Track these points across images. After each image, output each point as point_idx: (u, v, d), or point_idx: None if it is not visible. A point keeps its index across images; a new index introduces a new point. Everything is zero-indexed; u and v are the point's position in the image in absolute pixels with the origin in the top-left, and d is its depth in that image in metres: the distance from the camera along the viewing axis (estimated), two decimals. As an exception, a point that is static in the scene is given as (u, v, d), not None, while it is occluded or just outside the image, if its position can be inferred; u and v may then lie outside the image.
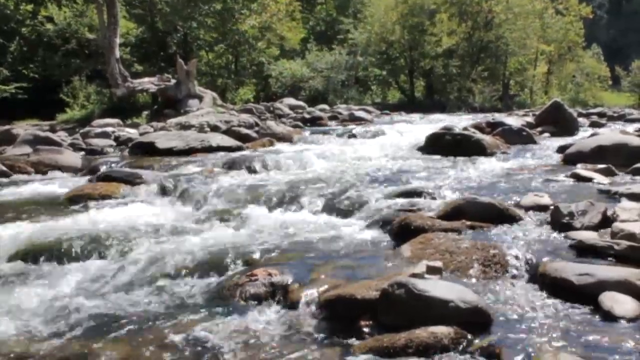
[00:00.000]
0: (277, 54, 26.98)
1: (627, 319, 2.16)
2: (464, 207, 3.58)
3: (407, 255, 2.99)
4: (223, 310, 2.54)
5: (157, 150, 8.11)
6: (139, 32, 22.11)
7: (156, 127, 11.48)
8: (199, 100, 15.06)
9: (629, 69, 48.54)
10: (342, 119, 15.37)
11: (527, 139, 8.06)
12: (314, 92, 25.19)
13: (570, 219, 3.24)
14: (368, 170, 5.77)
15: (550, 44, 35.35)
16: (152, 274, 3.02)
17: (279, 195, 4.68)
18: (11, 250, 3.48)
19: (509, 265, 2.75)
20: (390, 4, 27.93)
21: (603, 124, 12.20)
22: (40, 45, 19.92)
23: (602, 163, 5.27)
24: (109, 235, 3.67)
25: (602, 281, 2.37)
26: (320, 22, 36.82)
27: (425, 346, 1.99)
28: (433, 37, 28.04)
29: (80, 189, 5.45)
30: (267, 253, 3.20)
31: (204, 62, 23.66)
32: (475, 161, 6.29)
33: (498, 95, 29.34)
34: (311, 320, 2.37)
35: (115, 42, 15.28)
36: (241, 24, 22.94)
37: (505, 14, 28.49)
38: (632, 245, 2.70)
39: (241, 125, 11.11)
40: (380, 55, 28.92)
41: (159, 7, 21.34)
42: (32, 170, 6.93)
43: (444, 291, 2.21)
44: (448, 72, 29.15)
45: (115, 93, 15.27)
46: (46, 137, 9.09)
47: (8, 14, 20.01)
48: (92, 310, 2.59)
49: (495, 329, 2.15)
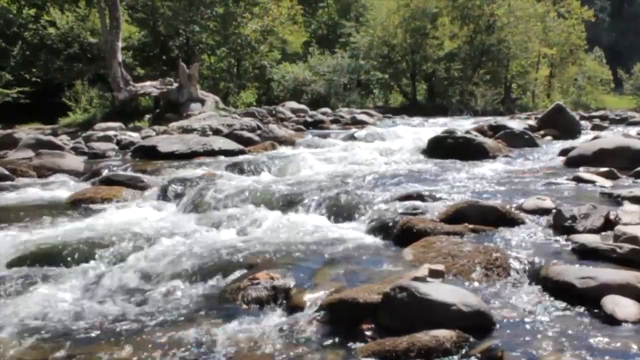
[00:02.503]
0: (279, 58, 27.01)
1: (629, 322, 2.15)
2: (466, 210, 3.58)
3: (409, 258, 2.99)
4: (225, 313, 2.54)
5: (159, 154, 8.13)
6: (141, 35, 22.16)
7: (158, 131, 11.49)
8: (201, 104, 15.08)
9: (631, 72, 48.56)
10: (344, 122, 15.38)
11: (529, 142, 8.06)
12: (316, 95, 25.21)
13: (573, 222, 3.23)
14: (370, 173, 5.77)
15: (552, 47, 35.31)
16: (154, 277, 3.02)
17: (281, 199, 4.68)
18: (13, 254, 3.48)
19: (511, 269, 2.75)
20: (392, 8, 27.98)
21: (605, 127, 12.17)
22: (42, 49, 19.96)
23: (604, 166, 5.26)
24: (111, 238, 3.68)
25: (604, 284, 2.36)
26: (322, 26, 36.88)
27: (428, 350, 1.98)
28: (435, 41, 28.09)
29: (82, 192, 5.46)
30: (269, 256, 3.20)
31: (206, 66, 23.71)
32: (478, 164, 6.29)
33: (500, 99, 29.29)
34: (313, 324, 2.37)
35: (118, 45, 15.31)
36: (243, 28, 22.98)
37: (507, 18, 28.49)
38: (634, 249, 2.69)
39: (243, 128, 11.11)
40: (382, 58, 28.95)
41: (161, 11, 21.38)
42: (35, 174, 6.94)
43: (446, 294, 2.20)
44: (450, 76, 29.18)
45: (117, 97, 15.29)
46: (48, 140, 9.10)
47: (11, 18, 20.07)
48: (94, 313, 2.59)
49: (497, 333, 2.14)
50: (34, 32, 20.18)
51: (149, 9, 21.56)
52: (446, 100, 28.17)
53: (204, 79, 21.56)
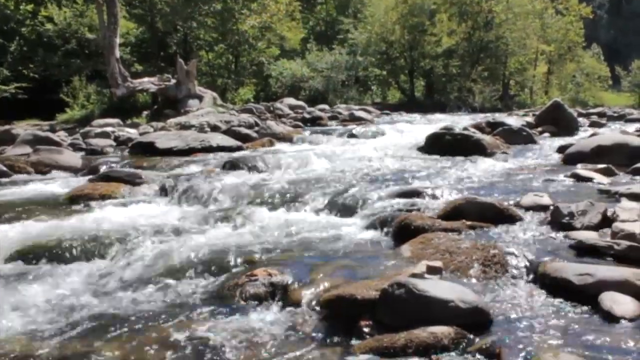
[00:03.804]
0: (277, 54, 26.98)
1: (627, 319, 2.15)
2: (464, 207, 3.58)
3: (407, 255, 2.99)
4: (223, 310, 2.54)
5: (157, 150, 8.12)
6: (139, 32, 22.13)
7: (156, 127, 11.48)
8: (199, 100, 15.06)
9: (629, 69, 48.60)
10: (342, 118, 15.37)
11: (527, 138, 8.07)
12: (314, 92, 25.18)
13: (570, 219, 3.24)
14: (368, 170, 5.77)
15: (551, 44, 35.36)
16: (152, 273, 3.02)
17: (279, 195, 4.68)
18: (12, 250, 3.47)
19: (509, 265, 2.75)
20: (390, 4, 27.98)
21: (603, 124, 12.20)
22: (40, 45, 19.92)
23: (602, 163, 5.27)
24: (109, 235, 3.67)
25: (602, 281, 2.37)
26: (320, 22, 36.85)
27: (425, 346, 1.98)
28: (433, 37, 28.11)
29: (80, 189, 5.44)
30: (267, 253, 3.20)
31: (204, 62, 23.67)
32: (476, 161, 6.29)
33: (498, 95, 29.34)
34: (311, 320, 2.37)
35: (115, 42, 15.28)
36: (241, 24, 22.95)
37: (505, 14, 28.53)
38: (632, 245, 2.70)
39: (241, 125, 11.10)
40: (380, 55, 28.95)
41: (159, 7, 21.34)
42: (32, 170, 6.92)
43: (444, 291, 2.20)
44: (448, 72, 29.21)
45: (115, 93, 15.27)
46: (46, 137, 9.08)
47: (8, 14, 20.02)
48: (92, 310, 2.59)
49: (495, 329, 2.15)
50: (32, 28, 20.14)
51: (146, 5, 21.51)
52: (444, 97, 28.20)
53: (202, 75, 21.51)
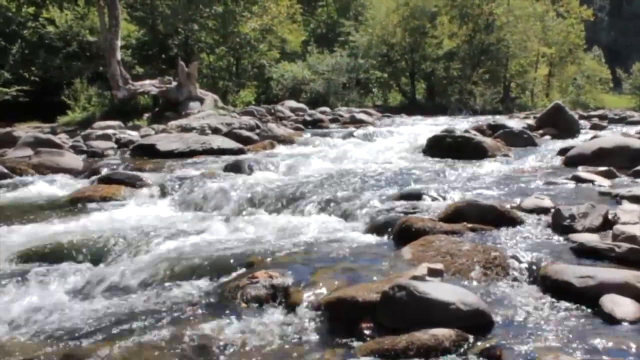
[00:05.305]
0: (278, 57, 26.97)
1: (628, 321, 2.16)
2: (465, 209, 3.58)
3: (408, 257, 2.99)
4: (224, 312, 2.54)
5: (158, 153, 8.13)
6: (140, 34, 22.12)
7: (157, 130, 11.47)
8: (200, 103, 15.06)
9: (630, 72, 48.50)
10: (343, 121, 15.37)
11: (528, 141, 8.07)
12: (315, 94, 25.17)
13: (571, 221, 3.24)
14: (369, 172, 5.77)
15: (551, 46, 35.32)
16: (152, 276, 3.02)
17: (280, 198, 4.69)
18: (12, 252, 3.48)
19: (510, 268, 2.75)
20: (391, 7, 27.99)
21: (604, 126, 12.18)
22: (41, 48, 19.92)
23: (603, 165, 5.27)
24: (109, 237, 3.67)
25: (603, 283, 2.37)
26: (321, 25, 36.86)
27: (427, 348, 1.98)
28: (434, 40, 28.10)
29: (81, 191, 5.45)
30: (268, 255, 3.20)
31: (205, 65, 23.67)
32: (477, 163, 6.29)
33: (499, 98, 29.29)
34: (312, 323, 2.37)
35: (117, 44, 15.28)
36: (242, 27, 22.96)
37: (506, 17, 28.49)
38: (633, 248, 2.70)
39: (242, 127, 11.10)
40: (381, 57, 28.94)
41: (160, 9, 21.35)
42: (34, 172, 6.92)
43: (445, 293, 2.21)
44: (449, 75, 29.18)
45: (116, 95, 15.26)
46: (47, 139, 9.08)
47: (10, 16, 20.02)
48: (92, 312, 2.59)
49: (496, 332, 2.15)
50: (33, 31, 20.14)
51: (148, 8, 21.53)
52: (445, 100, 28.16)
53: (203, 77, 21.52)
